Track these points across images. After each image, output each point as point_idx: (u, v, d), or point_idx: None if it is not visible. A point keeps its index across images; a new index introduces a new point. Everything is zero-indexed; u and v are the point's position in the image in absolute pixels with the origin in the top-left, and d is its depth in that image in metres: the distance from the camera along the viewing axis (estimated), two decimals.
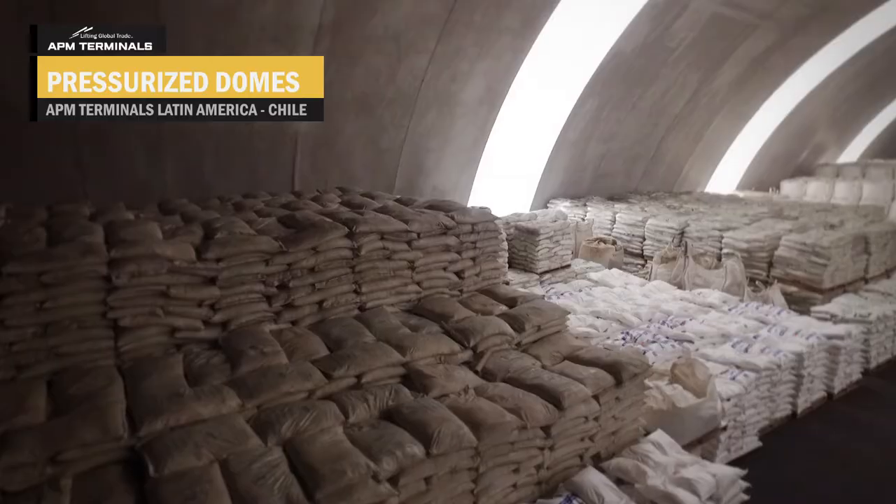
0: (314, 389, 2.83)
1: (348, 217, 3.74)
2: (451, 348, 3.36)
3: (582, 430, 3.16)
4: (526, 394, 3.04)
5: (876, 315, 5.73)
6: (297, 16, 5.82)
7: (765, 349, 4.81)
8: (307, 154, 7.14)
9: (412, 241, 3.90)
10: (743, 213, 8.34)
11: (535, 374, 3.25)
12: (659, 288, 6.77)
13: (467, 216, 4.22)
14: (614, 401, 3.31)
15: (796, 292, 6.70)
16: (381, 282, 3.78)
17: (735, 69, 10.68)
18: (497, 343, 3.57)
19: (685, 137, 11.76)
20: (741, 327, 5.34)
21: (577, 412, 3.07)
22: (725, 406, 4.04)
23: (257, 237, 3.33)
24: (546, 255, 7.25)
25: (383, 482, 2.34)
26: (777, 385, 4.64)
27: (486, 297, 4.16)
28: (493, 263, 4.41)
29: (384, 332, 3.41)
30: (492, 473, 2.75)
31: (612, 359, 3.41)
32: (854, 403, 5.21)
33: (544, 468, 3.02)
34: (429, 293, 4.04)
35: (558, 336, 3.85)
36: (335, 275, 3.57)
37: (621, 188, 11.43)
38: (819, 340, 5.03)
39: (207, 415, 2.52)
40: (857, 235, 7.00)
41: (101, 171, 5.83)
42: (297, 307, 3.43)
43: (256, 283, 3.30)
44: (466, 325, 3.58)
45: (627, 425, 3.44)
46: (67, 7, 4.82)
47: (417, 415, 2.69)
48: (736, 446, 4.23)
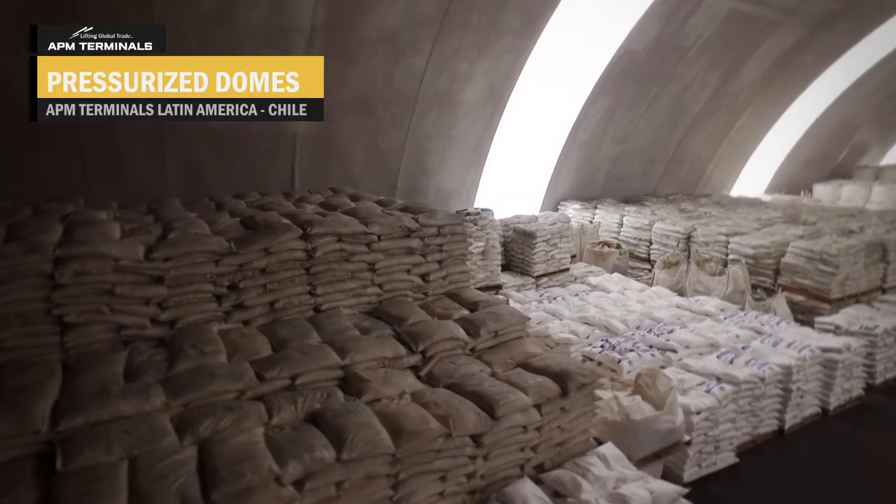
0: (244, 390, 2.86)
1: (306, 219, 3.76)
2: (395, 352, 3.34)
3: (521, 440, 3.09)
4: (462, 401, 3.00)
5: (883, 328, 5.41)
6: (289, 18, 5.89)
7: (751, 361, 4.61)
8: (306, 155, 7.23)
9: (372, 244, 3.89)
10: (756, 218, 8.00)
11: (477, 380, 3.19)
12: (658, 294, 6.59)
13: (433, 219, 4.19)
14: (559, 411, 3.22)
15: (803, 301, 6.39)
16: (338, 284, 3.79)
17: (759, 68, 10.27)
18: (448, 348, 3.53)
19: (707, 138, 11.38)
20: (732, 337, 5.13)
21: (514, 421, 3.01)
22: (694, 420, 3.89)
23: (207, 238, 3.39)
24: (543, 259, 7.15)
25: (287, 485, 2.34)
26: (760, 399, 4.44)
27: (449, 301, 4.12)
28: (461, 267, 4.36)
29: (332, 334, 3.42)
30: (414, 481, 2.72)
31: (561, 368, 3.32)
32: (851, 421, 4.93)
33: (477, 477, 2.96)
34: (391, 296, 4.03)
35: (517, 342, 3.78)
36: (288, 276, 3.59)
37: (638, 190, 11.15)
38: (812, 353, 4.78)
39: (130, 412, 2.58)
40: (872, 243, 6.62)
41: (105, 171, 6.04)
42: (247, 307, 3.47)
43: (206, 283, 3.35)
44: (417, 329, 3.56)
45: (576, 436, 3.34)
46: (63, 10, 4.99)
47: (339, 419, 2.68)
48: (708, 462, 4.07)
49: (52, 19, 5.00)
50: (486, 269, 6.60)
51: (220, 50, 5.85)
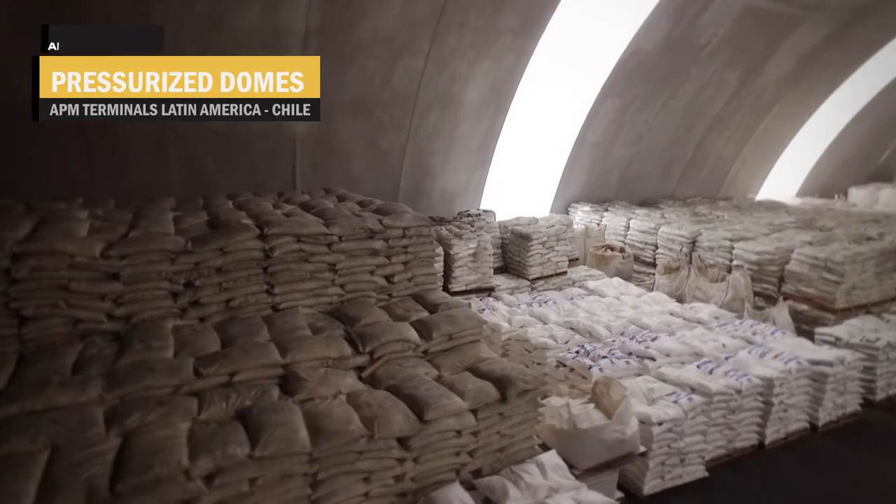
0: (181, 385, 2.94)
1: (265, 219, 3.84)
2: (340, 352, 3.37)
3: (455, 445, 3.08)
4: (395, 403, 3.01)
5: (886, 341, 5.12)
6: (283, 21, 6.00)
7: (730, 372, 4.44)
8: (307, 155, 7.36)
9: (333, 245, 3.94)
10: (768, 223, 7.68)
11: (416, 383, 3.19)
12: (655, 300, 6.43)
13: (398, 221, 4.20)
14: (498, 416, 3.19)
15: (807, 311, 6.12)
16: (296, 283, 3.85)
17: (783, 65, 9.86)
18: (397, 350, 3.54)
19: (729, 139, 11.00)
20: (718, 346, 4.96)
21: (446, 425, 3.00)
22: (655, 431, 3.78)
23: (164, 236, 3.51)
24: (539, 262, 7.06)
25: (196, 480, 2.40)
26: (737, 412, 4.28)
27: (412, 303, 4.13)
28: (427, 269, 4.36)
29: (282, 332, 3.48)
30: (335, 481, 2.75)
31: (504, 373, 3.29)
32: (841, 438, 4.69)
33: (407, 480, 2.97)
34: (353, 296, 4.07)
35: (471, 346, 3.75)
36: (245, 275, 3.67)
37: (655, 192, 10.89)
38: (799, 365, 4.57)
39: (65, 403, 2.69)
40: (885, 251, 6.26)
41: (110, 171, 6.29)
42: (203, 305, 3.57)
43: (161, 281, 3.47)
44: (367, 330, 3.59)
45: (518, 443, 3.30)
46: (63, 10, 5.21)
47: (262, 417, 2.74)
48: (673, 475, 3.94)
49: (52, 19, 5.26)
50: (477, 271, 6.57)
51: (216, 53, 6.03)
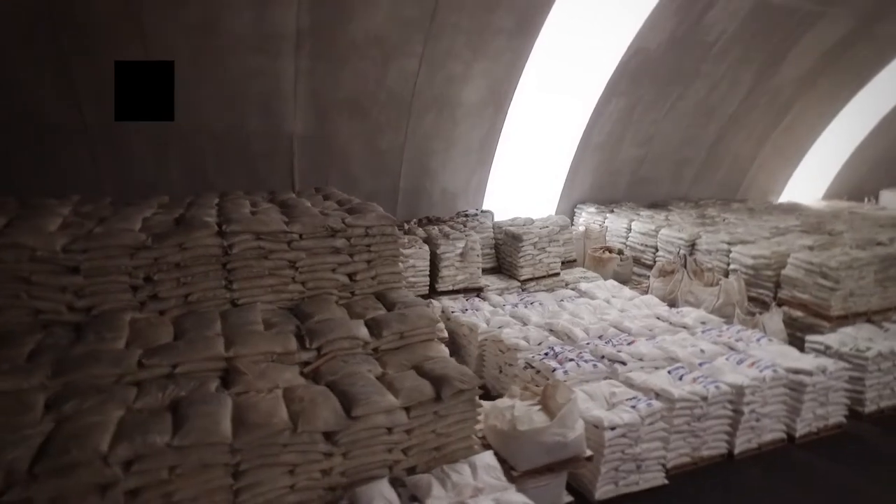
0: (123, 374, 3.07)
1: (226, 217, 3.96)
2: (285, 347, 3.45)
3: (387, 442, 3.11)
4: (327, 398, 3.07)
5: (877, 351, 4.89)
6: (274, 24, 6.14)
7: (700, 378, 4.34)
8: (305, 155, 7.50)
9: (292, 242, 4.03)
10: (774, 226, 7.42)
11: (353, 380, 3.24)
12: (646, 303, 6.31)
13: (361, 220, 4.26)
14: (433, 415, 3.21)
15: (802, 318, 5.89)
16: (256, 280, 3.95)
17: (802, 63, 9.50)
18: (345, 347, 3.60)
19: (746, 139, 10.66)
20: (696, 352, 4.84)
21: (375, 422, 3.04)
22: (607, 435, 3.72)
23: (124, 232, 3.66)
24: (530, 262, 7.02)
25: (113, 466, 2.51)
26: (703, 419, 4.17)
27: (372, 301, 4.19)
28: (391, 268, 4.40)
29: (233, 326, 3.58)
30: (258, 472, 2.82)
31: (442, 373, 3.31)
32: (820, 450, 4.51)
33: (336, 474, 3.02)
34: (315, 293, 4.15)
35: (423, 345, 3.79)
36: (203, 271, 3.79)
37: (667, 194, 10.66)
38: (775, 374, 4.42)
39: (8, 388, 2.85)
40: (888, 257, 5.97)
41: (115, 170, 6.56)
42: (162, 299, 3.71)
43: (121, 275, 3.62)
44: (317, 326, 3.66)
45: (455, 443, 3.32)
46: (62, 19, 5.45)
47: (190, 407, 2.83)
48: (628, 481, 3.87)
49: (52, 26, 5.52)
50: (465, 271, 6.57)
51: (212, 58, 6.23)
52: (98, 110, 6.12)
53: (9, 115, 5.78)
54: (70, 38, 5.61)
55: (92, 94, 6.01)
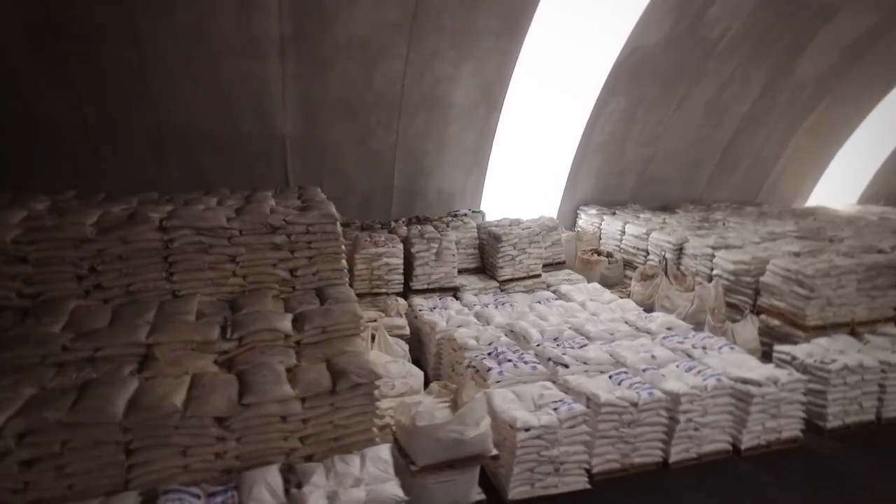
0: (48, 356, 3.34)
1: (169, 213, 4.20)
2: (205, 337, 3.65)
3: (282, 430, 3.25)
4: (226, 385, 3.25)
5: (843, 364, 4.64)
6: (258, 28, 6.40)
7: (637, 384, 4.26)
8: (298, 155, 7.76)
9: (232, 238, 4.23)
10: (769, 231, 7.10)
11: (258, 370, 3.40)
12: (622, 307, 6.23)
13: (302, 217, 4.43)
14: (330, 407, 3.33)
15: (779, 327, 5.64)
16: (196, 273, 4.18)
17: (822, 59, 9.02)
18: (267, 338, 3.77)
19: (766, 140, 10.21)
20: (646, 358, 4.75)
21: (267, 410, 3.18)
22: (519, 436, 3.73)
23: (71, 225, 3.95)
24: (509, 263, 7.01)
25: (7, 438, 2.76)
26: (633, 425, 4.09)
27: (311, 297, 4.35)
28: (333, 264, 4.54)
29: (165, 315, 3.81)
30: (150, 451, 3.02)
31: (342, 367, 3.43)
32: (766, 464, 4.32)
33: (230, 458, 3.18)
34: (256, 287, 4.34)
35: (345, 339, 3.90)
36: (144, 263, 4.05)
37: (680, 196, 10.35)
38: (718, 382, 4.28)
39: None
40: (876, 265, 5.62)
41: (117, 168, 7.01)
42: (105, 288, 3.99)
43: (67, 265, 3.91)
44: (242, 318, 3.85)
45: (354, 434, 3.42)
46: (59, 24, 5.86)
47: (93, 388, 3.07)
48: (545, 483, 3.86)
49: (52, 32, 5.94)
50: (439, 270, 6.64)
51: (205, 62, 6.56)
52: (97, 111, 6.58)
53: (14, 115, 6.30)
54: (70, 43, 6.03)
55: (91, 96, 6.45)
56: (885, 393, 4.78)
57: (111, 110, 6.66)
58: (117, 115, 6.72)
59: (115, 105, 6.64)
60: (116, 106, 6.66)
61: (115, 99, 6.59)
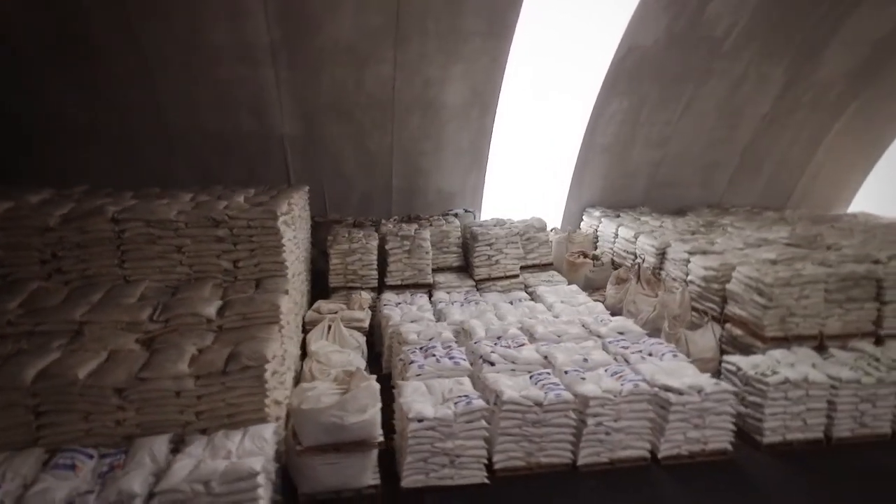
0: None
1: (123, 206, 4.67)
2: (133, 318, 4.06)
3: (178, 404, 3.58)
4: (134, 361, 3.63)
5: (783, 378, 4.42)
6: (249, 35, 6.84)
7: (551, 385, 4.28)
8: (297, 154, 8.21)
9: (179, 230, 4.64)
10: (762, 238, 6.75)
11: (167, 349, 3.76)
12: (591, 310, 6.22)
13: (244, 213, 4.77)
14: (221, 386, 3.62)
15: (741, 337, 5.41)
16: (146, 261, 4.62)
17: (851, 55, 8.43)
18: (190, 322, 4.13)
19: (792, 143, 9.65)
20: (577, 361, 4.74)
21: (162, 385, 3.52)
22: (411, 426, 3.87)
23: (36, 215, 4.48)
24: (485, 263, 7.11)
25: None
26: (539, 425, 4.12)
27: (249, 286, 4.68)
28: (274, 257, 4.86)
29: (110, 297, 4.27)
30: (56, 415, 3.43)
31: (237, 350, 3.72)
32: (683, 475, 4.20)
33: (130, 426, 3.54)
34: (200, 276, 4.74)
35: (263, 327, 4.19)
36: (99, 251, 4.53)
37: (697, 200, 9.97)
38: (634, 388, 4.22)
39: None
40: (851, 276, 5.24)
41: (128, 167, 7.70)
42: (65, 272, 4.50)
43: (33, 250, 4.46)
44: (172, 302, 4.23)
45: (246, 413, 3.68)
46: (69, 36, 6.55)
47: (16, 357, 3.53)
48: (440, 474, 3.97)
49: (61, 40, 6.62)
50: (413, 268, 6.84)
51: (202, 69, 7.10)
52: (110, 114, 7.28)
53: (38, 117, 7.10)
54: (84, 52, 6.72)
55: (105, 100, 7.15)
56: (835, 411, 4.50)
57: (124, 113, 7.35)
58: (129, 117, 7.40)
59: (126, 108, 7.33)
60: (128, 109, 7.35)
61: (125, 102, 7.27)
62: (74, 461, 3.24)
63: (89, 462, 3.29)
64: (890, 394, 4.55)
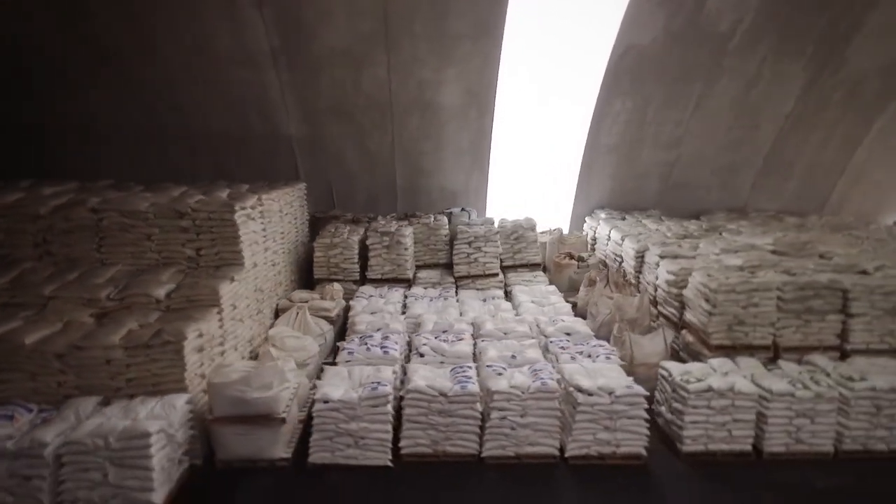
0: None
1: (104, 198, 5.29)
2: (92, 295, 4.63)
3: (109, 371, 4.07)
4: (76, 331, 4.17)
5: (707, 386, 4.28)
6: (250, 42, 7.40)
7: (465, 378, 4.42)
8: (304, 153, 8.74)
9: (148, 220, 5.20)
10: (748, 244, 6.42)
11: (110, 324, 4.28)
12: (557, 311, 6.26)
13: (205, 206, 5.26)
14: (146, 357, 4.07)
15: (692, 344, 5.24)
16: (120, 247, 5.22)
17: (880, 49, 7.79)
18: (142, 301, 4.66)
19: (823, 144, 9.03)
20: (505, 357, 4.85)
21: (94, 354, 4.02)
22: (316, 406, 4.16)
23: (31, 205, 5.18)
24: (465, 261, 7.27)
25: None
26: (443, 414, 4.27)
27: (209, 273, 5.16)
28: (232, 247, 5.31)
29: (83, 277, 4.88)
30: (6, 373, 4.02)
31: (162, 327, 4.16)
32: (588, 476, 4.18)
33: (70, 387, 4.08)
34: (167, 262, 5.27)
35: (203, 309, 4.63)
36: (81, 237, 5.17)
37: (717, 203, 9.55)
38: (541, 385, 4.26)
39: None
40: (808, 285, 4.92)
41: (155, 166, 8.51)
42: (53, 254, 5.19)
43: (27, 235, 5.17)
44: (130, 283, 4.78)
45: (169, 383, 4.11)
46: (92, 43, 7.37)
47: None
48: (345, 454, 4.18)
49: (83, 48, 7.47)
50: (393, 263, 7.12)
51: (208, 75, 7.74)
52: (134, 116, 8.09)
53: (70, 120, 8.02)
54: (107, 59, 7.52)
55: (130, 102, 7.97)
56: (767, 424, 4.30)
57: (146, 114, 8.14)
58: (153, 119, 8.19)
59: (152, 110, 8.12)
60: (153, 111, 8.14)
61: (150, 105, 8.05)
62: (14, 413, 3.80)
63: (27, 415, 3.84)
64: (831, 410, 4.29)
